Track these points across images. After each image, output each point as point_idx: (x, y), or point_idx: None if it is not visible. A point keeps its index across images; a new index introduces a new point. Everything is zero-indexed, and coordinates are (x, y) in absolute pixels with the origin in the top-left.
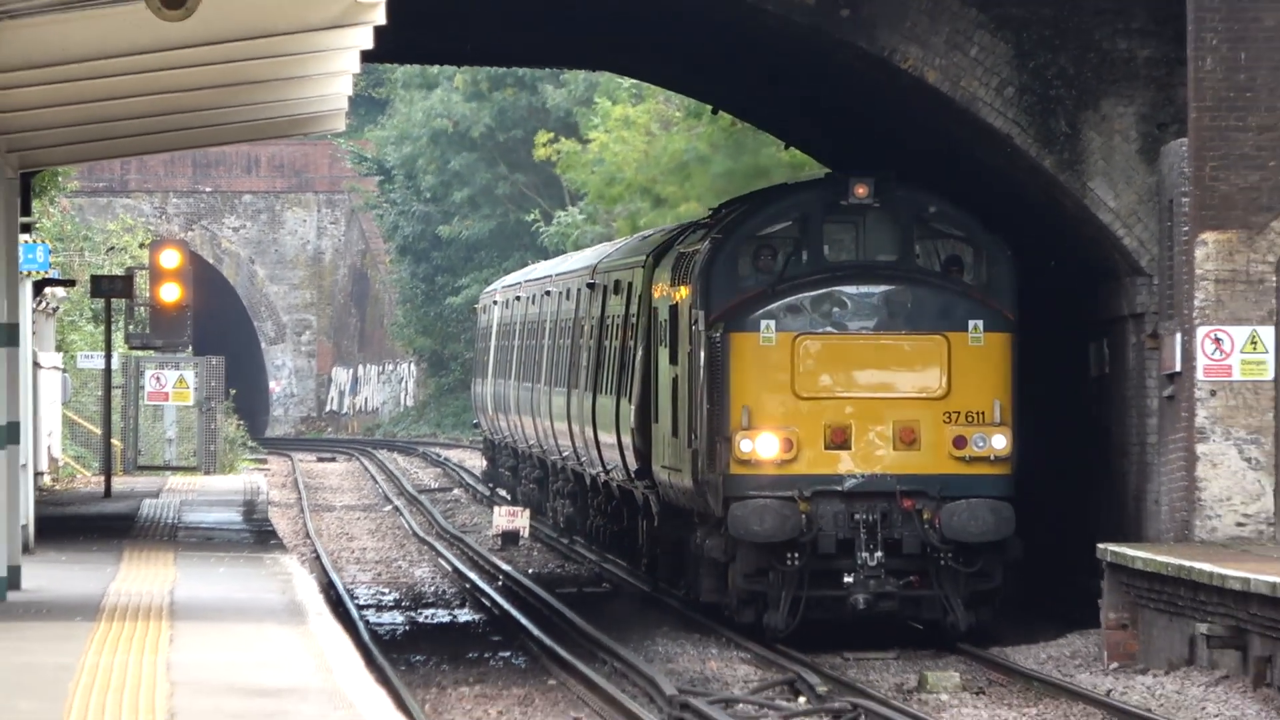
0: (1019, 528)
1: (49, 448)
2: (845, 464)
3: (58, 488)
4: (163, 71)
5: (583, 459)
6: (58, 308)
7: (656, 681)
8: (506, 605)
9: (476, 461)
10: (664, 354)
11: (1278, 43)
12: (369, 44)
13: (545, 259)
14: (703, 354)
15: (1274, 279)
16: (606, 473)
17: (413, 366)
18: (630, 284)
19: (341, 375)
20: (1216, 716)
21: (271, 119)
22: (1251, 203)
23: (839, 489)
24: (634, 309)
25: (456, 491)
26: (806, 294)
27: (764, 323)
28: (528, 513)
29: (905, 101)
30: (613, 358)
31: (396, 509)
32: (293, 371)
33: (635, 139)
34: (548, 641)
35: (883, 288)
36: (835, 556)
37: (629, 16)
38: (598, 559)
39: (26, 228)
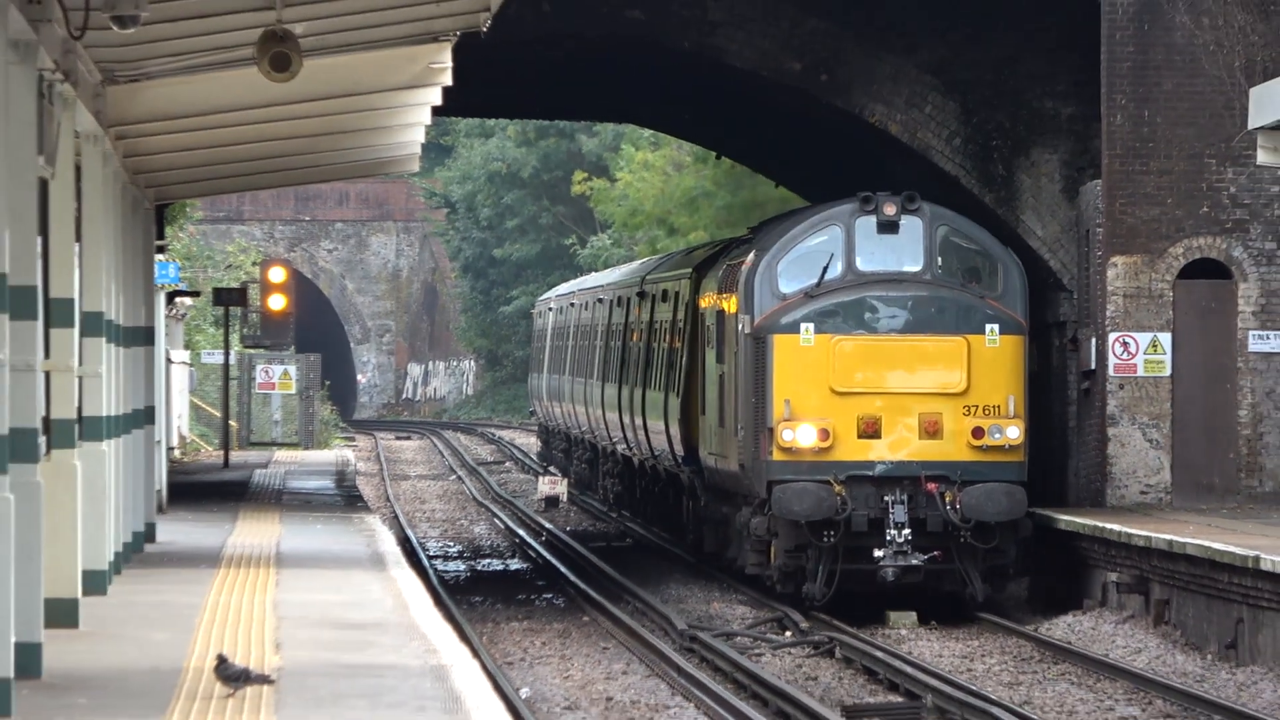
0: None
1: (178, 427)
2: (876, 451)
3: (185, 460)
4: (270, 123)
5: (631, 445)
6: (186, 314)
7: (670, 619)
8: (549, 556)
9: (525, 440)
10: (711, 354)
11: (1174, 103)
12: (438, 101)
13: (581, 275)
14: (749, 354)
15: (1171, 294)
16: (654, 457)
17: (472, 362)
18: (678, 293)
19: (415, 369)
20: (1124, 648)
21: (359, 161)
22: (1153, 232)
23: (870, 474)
24: (680, 315)
25: (508, 464)
26: (841, 300)
27: (804, 325)
28: (566, 481)
29: (873, 149)
30: (661, 357)
31: (459, 478)
32: (375, 366)
33: (653, 178)
34: (582, 586)
35: (910, 294)
36: (867, 534)
37: (648, 80)
38: (643, 530)
39: (160, 249)
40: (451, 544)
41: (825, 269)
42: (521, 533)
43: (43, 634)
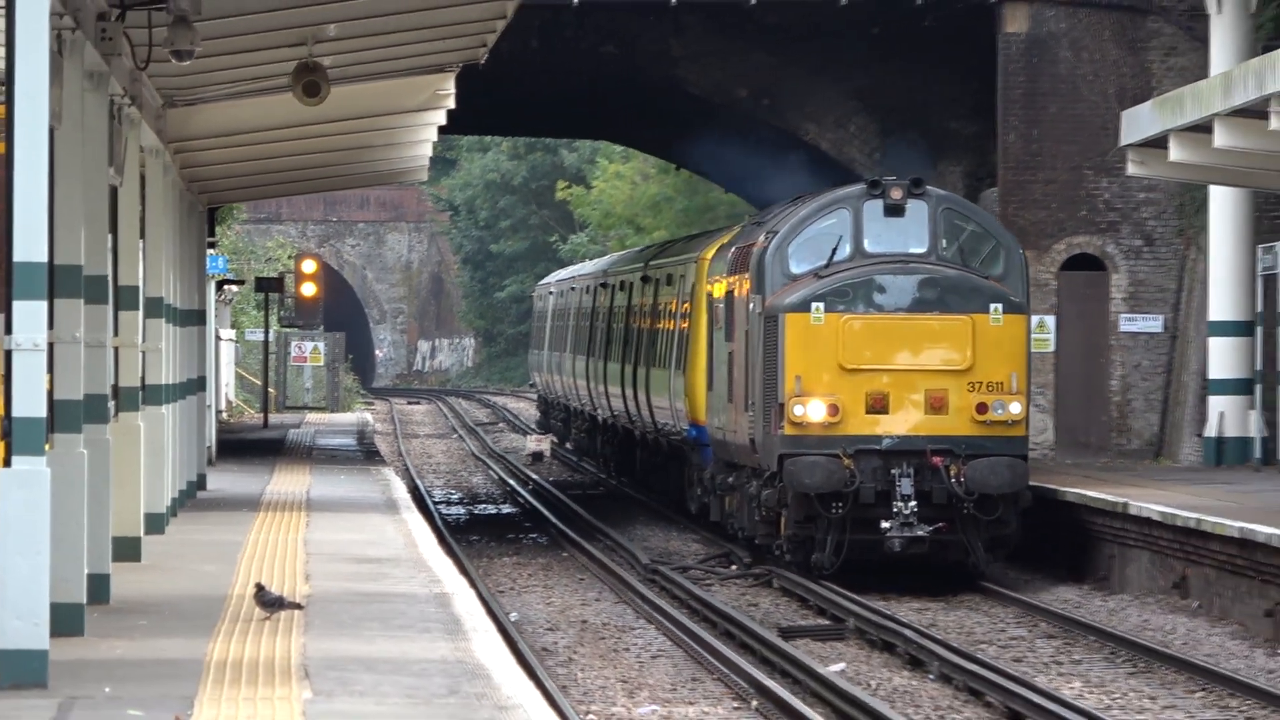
0: None
1: (226, 394)
2: (883, 426)
3: (231, 421)
4: (303, 140)
5: (634, 418)
6: (232, 299)
7: (635, 554)
8: (534, 502)
9: (516, 405)
10: (719, 334)
11: (1058, 124)
12: (443, 121)
13: (562, 268)
14: (760, 332)
15: (1055, 283)
16: (657, 430)
17: (472, 340)
18: (684, 276)
19: (424, 345)
20: (1014, 579)
21: (377, 171)
22: (1040, 232)
23: (878, 448)
24: (687, 297)
25: (501, 425)
26: (850, 280)
27: (814, 305)
28: (549, 438)
29: (806, 162)
30: (667, 336)
31: (460, 436)
32: (391, 343)
33: (623, 186)
34: (562, 527)
35: (916, 275)
36: (874, 506)
37: (620, 105)
38: (634, 492)
39: (211, 244)
40: (453, 492)
41: (834, 250)
42: (512, 482)
43: (110, 566)
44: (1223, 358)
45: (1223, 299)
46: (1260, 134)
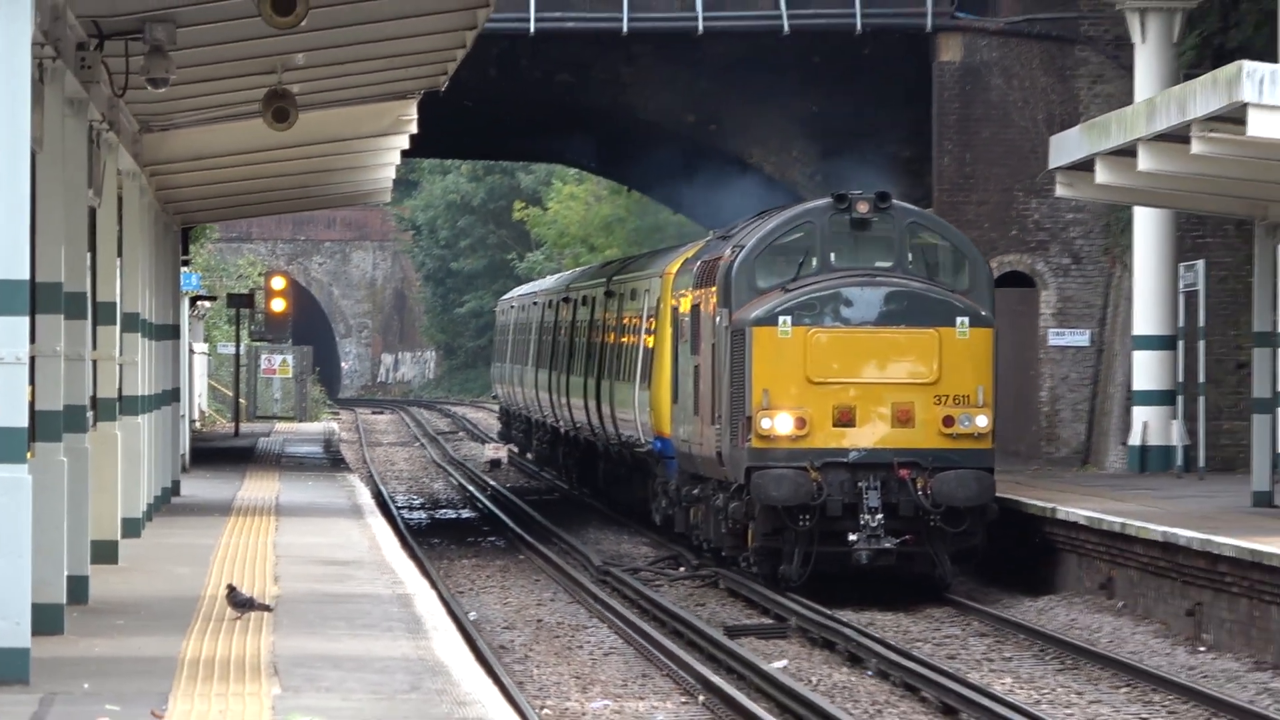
0: None
1: (199, 404)
2: (850, 439)
3: (204, 430)
4: (272, 163)
5: (596, 430)
6: (205, 314)
7: (588, 557)
8: (492, 507)
9: (475, 415)
10: (685, 347)
11: (990, 148)
12: (406, 145)
13: (520, 284)
14: (728, 345)
15: None
16: (621, 443)
17: (433, 353)
18: (648, 290)
19: (387, 358)
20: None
21: (342, 192)
22: None
23: (845, 461)
24: (651, 311)
25: (461, 434)
26: (817, 294)
27: (781, 318)
28: (507, 447)
29: (750, 184)
30: (630, 350)
31: (422, 444)
32: (356, 356)
33: (577, 207)
34: (518, 530)
35: (883, 289)
36: (841, 518)
37: (573, 129)
38: (602, 505)
39: (185, 262)
40: (415, 497)
41: (801, 264)
42: (471, 488)
43: (89, 568)
44: (1146, 370)
45: (1146, 314)
46: (1182, 158)
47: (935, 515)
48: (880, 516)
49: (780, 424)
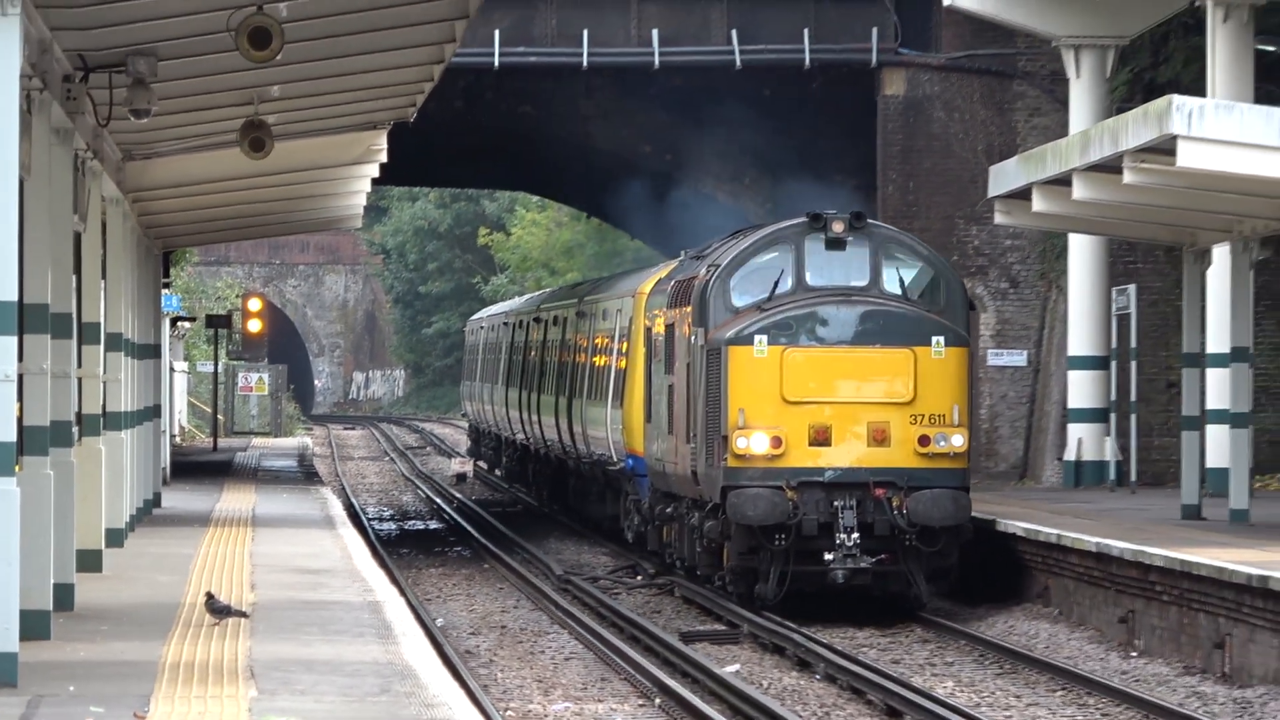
0: None
1: (179, 420)
2: (826, 458)
3: (184, 444)
4: (249, 190)
5: (567, 448)
6: (185, 334)
7: (550, 566)
8: (459, 519)
9: (442, 430)
10: (658, 366)
11: (932, 177)
12: (376, 174)
13: (485, 306)
14: (702, 365)
15: None
16: (592, 460)
17: (402, 371)
18: (620, 310)
19: (359, 376)
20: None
21: (316, 218)
22: None
23: (821, 480)
24: (624, 330)
25: (429, 449)
26: (793, 313)
27: (757, 338)
28: (472, 461)
29: (705, 211)
30: (602, 369)
31: (392, 459)
32: (329, 374)
33: (539, 233)
34: (484, 541)
35: (858, 308)
36: (817, 538)
37: (535, 159)
38: (573, 522)
39: (166, 285)
40: (385, 509)
41: (776, 283)
42: (439, 500)
43: (74, 576)
44: (1081, 389)
45: (1081, 336)
46: (1115, 187)
47: (911, 535)
48: (856, 536)
49: (756, 443)
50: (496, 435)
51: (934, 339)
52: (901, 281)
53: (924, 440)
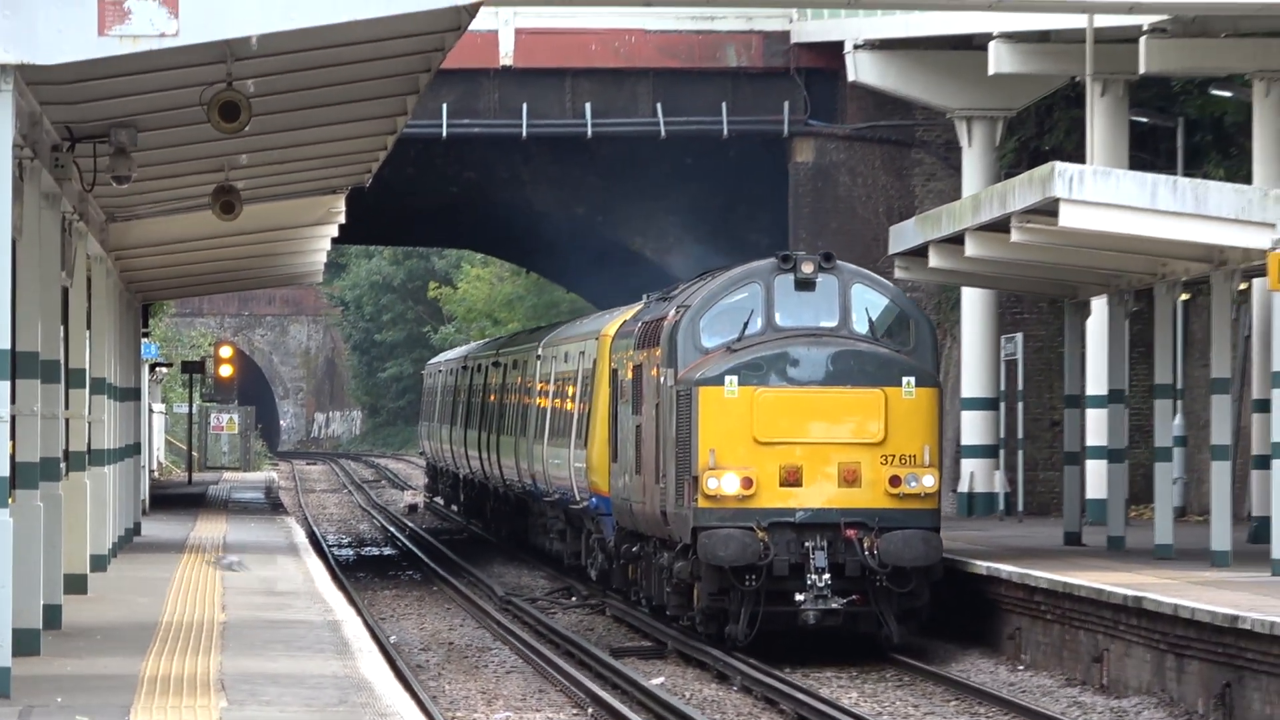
0: None
1: (157, 456)
2: (797, 499)
3: (161, 479)
4: (221, 248)
5: (528, 487)
6: (163, 379)
7: (493, 588)
8: (410, 545)
9: (397, 466)
10: (625, 407)
11: (839, 236)
12: (336, 234)
13: (434, 354)
14: (672, 405)
15: None
16: (553, 498)
17: (359, 412)
18: (582, 353)
19: (320, 417)
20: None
21: (281, 274)
22: None
23: (792, 520)
24: (588, 372)
25: (383, 482)
26: (763, 354)
27: (728, 378)
28: (423, 494)
29: (634, 267)
30: (566, 411)
31: (350, 491)
32: (293, 414)
33: (483, 287)
34: (433, 565)
35: (829, 349)
36: (788, 578)
37: (479, 220)
38: (509, 548)
39: (145, 334)
40: (344, 536)
41: (746, 324)
42: (392, 529)
43: (62, 598)
44: (973, 427)
45: (973, 379)
46: (1003, 245)
47: (882, 575)
48: (827, 576)
49: (727, 484)
50: (454, 473)
51: (904, 379)
52: (871, 321)
53: (895, 480)
